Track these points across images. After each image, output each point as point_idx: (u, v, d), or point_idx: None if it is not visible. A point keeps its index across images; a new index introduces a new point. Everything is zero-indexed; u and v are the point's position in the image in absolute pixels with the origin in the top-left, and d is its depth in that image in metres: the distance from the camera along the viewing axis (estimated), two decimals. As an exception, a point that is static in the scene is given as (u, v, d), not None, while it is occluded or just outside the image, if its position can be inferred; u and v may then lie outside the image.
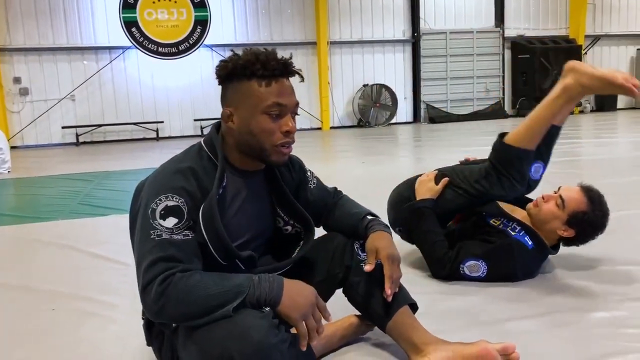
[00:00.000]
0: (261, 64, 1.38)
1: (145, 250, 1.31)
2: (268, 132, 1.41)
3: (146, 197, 1.37)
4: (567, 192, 2.26)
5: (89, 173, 6.63)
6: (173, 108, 12.25)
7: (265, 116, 1.40)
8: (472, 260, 2.24)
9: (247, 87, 1.40)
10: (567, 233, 2.24)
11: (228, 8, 12.40)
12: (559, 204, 2.23)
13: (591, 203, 2.20)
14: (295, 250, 1.60)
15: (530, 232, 2.25)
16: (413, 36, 13.71)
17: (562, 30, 14.79)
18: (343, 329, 1.72)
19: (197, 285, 1.26)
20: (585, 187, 2.28)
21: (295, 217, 1.61)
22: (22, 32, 11.38)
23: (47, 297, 2.36)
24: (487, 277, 2.23)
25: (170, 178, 1.38)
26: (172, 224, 1.33)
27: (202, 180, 1.40)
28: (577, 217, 2.20)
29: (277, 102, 1.39)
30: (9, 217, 4.28)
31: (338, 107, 13.47)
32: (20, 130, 11.55)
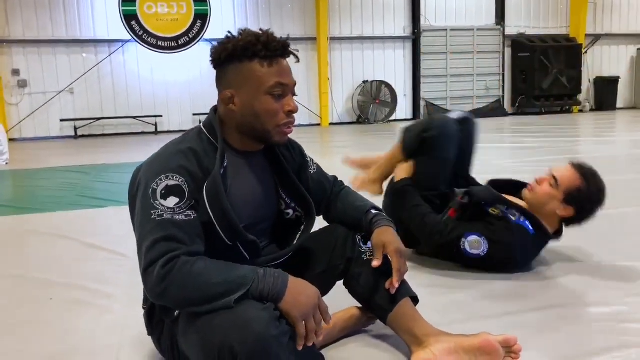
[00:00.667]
0: (262, 45, 1.37)
1: (147, 231, 1.29)
2: (272, 113, 1.40)
3: (146, 178, 1.35)
4: (559, 171, 2.26)
5: (87, 166, 6.61)
6: (172, 102, 12.21)
7: (268, 97, 1.39)
8: (474, 235, 2.21)
9: (248, 68, 1.39)
10: (566, 212, 2.23)
11: (228, 2, 12.35)
12: (552, 183, 2.23)
13: (585, 178, 2.20)
14: (296, 236, 1.58)
15: (530, 217, 2.24)
16: (413, 33, 13.68)
17: (563, 29, 14.77)
18: (344, 321, 1.71)
19: (201, 272, 1.25)
20: (576, 164, 2.29)
21: (297, 200, 1.59)
22: (21, 23, 11.33)
23: (44, 286, 2.35)
24: (486, 258, 2.20)
25: (170, 158, 1.37)
26: (174, 203, 1.31)
27: (203, 161, 1.38)
28: (573, 193, 2.19)
29: (280, 82, 1.39)
30: (7, 208, 4.26)
31: (337, 104, 13.44)
32: (19, 123, 11.50)
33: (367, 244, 1.60)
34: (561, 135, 8.35)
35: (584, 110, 14.61)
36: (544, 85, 13.80)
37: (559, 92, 13.92)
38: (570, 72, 13.89)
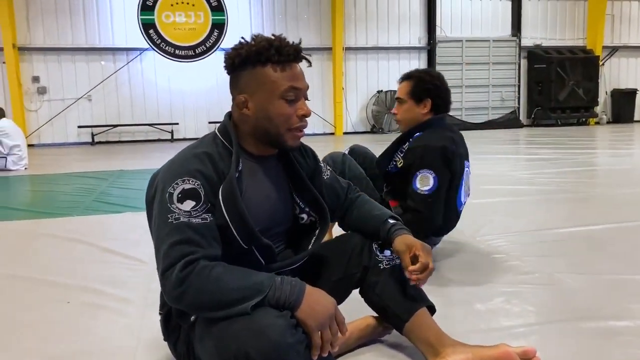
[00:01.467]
0: (275, 50, 1.39)
1: (164, 234, 1.31)
2: (285, 117, 1.42)
3: (162, 182, 1.37)
4: (397, 93, 2.59)
5: (104, 171, 6.68)
6: (188, 110, 12.32)
7: (282, 101, 1.41)
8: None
9: (262, 73, 1.41)
10: (427, 105, 2.47)
11: (245, 12, 12.46)
12: (399, 103, 2.55)
13: (411, 78, 2.52)
14: (311, 241, 1.58)
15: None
16: (429, 43, 13.68)
17: (580, 40, 14.67)
18: (360, 330, 1.70)
19: (219, 277, 1.25)
20: (401, 78, 2.61)
21: (311, 204, 1.59)
22: (42, 31, 11.53)
23: (61, 289, 2.37)
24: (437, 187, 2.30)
25: (186, 162, 1.38)
26: (190, 206, 1.32)
27: (218, 165, 1.39)
28: (415, 93, 2.46)
29: (293, 86, 1.41)
30: (26, 212, 4.32)
31: (352, 113, 13.46)
32: (38, 129, 11.67)
33: (383, 253, 1.60)
34: (577, 147, 8.27)
35: (601, 123, 14.47)
36: (560, 97, 13.70)
37: (576, 104, 13.81)
38: (587, 84, 13.78)
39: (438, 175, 2.29)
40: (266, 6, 12.62)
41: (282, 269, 1.49)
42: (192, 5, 11.82)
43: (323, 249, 1.65)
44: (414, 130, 2.48)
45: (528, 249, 2.74)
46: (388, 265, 1.58)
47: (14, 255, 3.02)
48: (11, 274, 2.62)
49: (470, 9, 13.99)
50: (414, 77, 2.52)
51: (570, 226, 3.22)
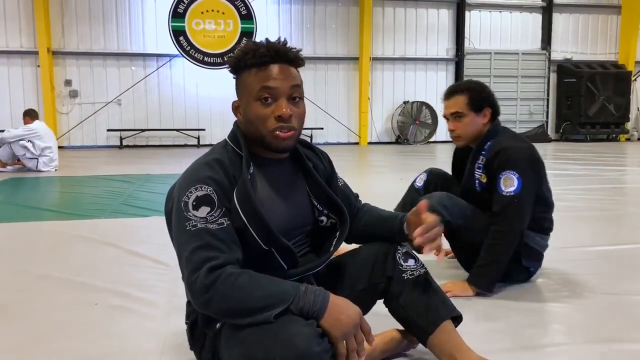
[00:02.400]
0: (252, 53, 1.41)
1: (183, 242, 1.33)
2: (261, 118, 1.42)
3: (177, 193, 1.40)
4: (448, 108, 2.48)
5: (132, 175, 6.79)
6: (215, 116, 12.46)
7: (257, 102, 1.42)
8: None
9: (242, 78, 1.45)
10: (487, 114, 2.43)
11: (274, 21, 12.59)
12: (457, 117, 2.43)
13: (464, 87, 2.45)
14: (332, 243, 1.57)
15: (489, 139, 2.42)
16: (457, 55, 13.62)
17: (612, 55, 14.44)
18: (384, 343, 1.68)
19: (244, 285, 1.26)
20: (447, 93, 2.50)
21: (329, 206, 1.59)
22: (75, 36, 11.82)
23: (88, 291, 2.41)
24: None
25: (197, 171, 1.41)
26: (206, 212, 1.34)
27: (229, 170, 1.41)
28: (475, 102, 2.39)
29: (265, 85, 1.40)
30: (55, 213, 4.41)
31: (377, 123, 13.45)
32: (68, 131, 11.94)
33: (407, 262, 1.58)
34: (607, 164, 8.11)
35: (632, 139, 14.18)
36: (590, 112, 13.48)
37: (606, 120, 13.58)
38: (618, 100, 13.54)
39: (522, 176, 2.25)
40: (295, 15, 12.73)
41: (305, 273, 1.50)
42: (222, 13, 11.99)
43: (346, 258, 1.65)
44: (483, 142, 2.41)
45: (556, 267, 2.69)
46: (412, 276, 1.56)
47: (45, 256, 3.09)
48: (43, 273, 2.68)
49: (500, 21, 13.89)
50: (467, 89, 2.44)
51: (599, 245, 3.16)
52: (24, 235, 3.61)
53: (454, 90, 2.47)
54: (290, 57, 1.44)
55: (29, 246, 3.31)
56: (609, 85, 13.51)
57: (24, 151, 7.23)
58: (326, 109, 12.67)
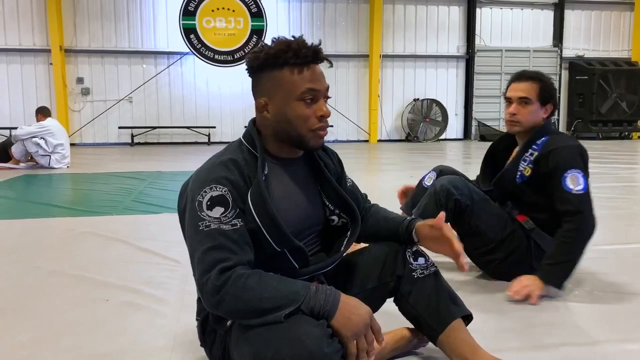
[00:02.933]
0: (293, 52, 1.39)
1: (196, 242, 1.33)
2: (304, 118, 1.42)
3: (192, 192, 1.39)
4: (517, 90, 2.41)
5: (143, 172, 6.84)
6: (225, 114, 12.51)
7: (300, 102, 1.41)
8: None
9: (280, 76, 1.42)
10: (549, 110, 2.39)
11: (284, 19, 12.60)
12: (524, 102, 2.37)
13: (536, 78, 2.40)
14: (343, 242, 1.58)
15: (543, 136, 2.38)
16: (467, 52, 13.55)
17: (624, 52, 14.29)
18: (394, 342, 1.69)
19: (254, 286, 1.27)
20: (518, 77, 2.45)
21: (340, 206, 1.59)
22: (87, 34, 11.90)
23: (99, 287, 2.43)
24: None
25: (212, 170, 1.40)
26: (219, 213, 1.34)
27: (244, 170, 1.41)
28: (545, 93, 2.37)
29: (311, 87, 1.41)
30: (67, 210, 4.45)
31: (387, 121, 13.42)
32: (80, 129, 12.04)
33: (417, 260, 1.58)
34: (619, 162, 8.03)
35: (645, 137, 14.03)
36: (602, 109, 13.35)
37: (618, 117, 13.44)
38: (630, 97, 13.40)
39: (585, 174, 2.27)
40: (305, 13, 12.72)
41: (315, 273, 1.50)
42: (232, 11, 12.01)
43: (356, 257, 1.65)
44: (535, 137, 2.38)
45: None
46: (422, 274, 1.56)
47: (57, 252, 3.12)
48: (54, 270, 2.71)
49: (511, 18, 13.80)
50: (540, 79, 2.40)
51: (612, 243, 3.14)
52: (36, 231, 3.65)
53: (526, 75, 2.43)
54: (323, 58, 1.46)
55: (42, 242, 3.34)
56: (621, 82, 13.37)
57: (36, 148, 7.30)
58: (336, 106, 12.65)
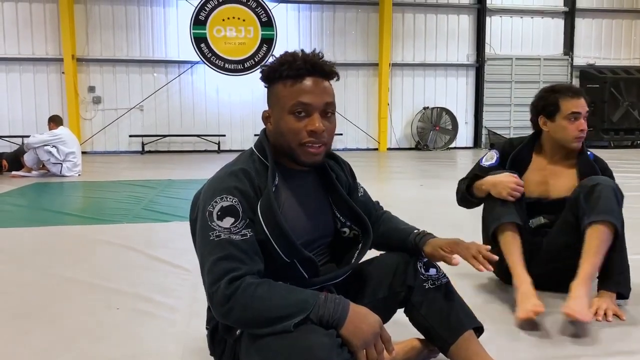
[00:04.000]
0: (287, 65, 1.40)
1: (206, 252, 1.34)
2: (294, 132, 1.42)
3: (203, 202, 1.40)
4: (581, 106, 2.38)
5: (153, 180, 6.87)
6: (235, 122, 12.56)
7: (291, 116, 1.41)
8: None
9: (276, 89, 1.44)
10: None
11: (293, 28, 12.66)
12: (585, 119, 2.38)
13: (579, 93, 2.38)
14: (354, 254, 1.57)
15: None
16: (477, 61, 13.53)
17: (636, 60, 14.20)
18: (404, 352, 1.67)
19: (264, 295, 1.27)
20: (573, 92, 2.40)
21: (352, 218, 1.59)
22: (99, 43, 12.03)
23: (110, 294, 2.44)
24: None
25: (223, 180, 1.41)
26: (230, 223, 1.35)
27: (255, 180, 1.41)
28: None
29: (300, 101, 1.40)
30: (78, 218, 4.49)
31: (396, 129, 13.41)
32: (91, 137, 12.14)
33: (428, 271, 1.57)
34: (632, 171, 7.95)
35: (657, 145, 13.90)
36: (614, 118, 13.25)
37: (630, 126, 13.33)
38: (642, 106, 13.30)
39: None
40: (314, 22, 12.78)
41: (325, 283, 1.50)
42: (242, 20, 12.10)
43: (367, 266, 1.64)
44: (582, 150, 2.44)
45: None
46: (433, 285, 1.56)
47: (70, 259, 3.14)
48: (67, 277, 2.73)
49: (521, 27, 13.77)
50: (584, 93, 2.43)
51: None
52: (49, 239, 3.68)
53: (580, 91, 2.43)
54: (325, 71, 1.44)
55: (54, 250, 3.36)
56: (633, 90, 13.27)
57: (48, 156, 7.37)
58: (345, 114, 12.66)
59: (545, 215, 2.40)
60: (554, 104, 2.38)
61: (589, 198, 2.15)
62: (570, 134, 2.36)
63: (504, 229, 2.25)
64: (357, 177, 1.73)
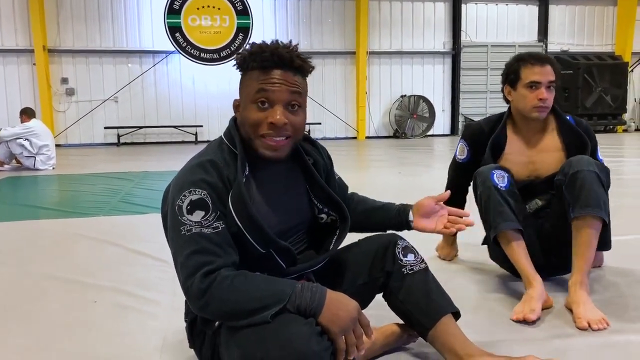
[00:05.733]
0: (255, 56, 1.40)
1: (179, 246, 1.33)
2: (253, 122, 1.40)
3: (172, 196, 1.39)
4: (542, 74, 2.25)
5: (129, 172, 6.79)
6: (212, 112, 12.45)
7: (253, 106, 1.40)
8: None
9: (246, 79, 1.44)
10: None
11: (270, 16, 12.56)
12: (550, 88, 2.26)
13: (552, 62, 2.27)
14: (332, 240, 1.58)
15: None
16: (453, 48, 13.61)
17: (608, 46, 14.44)
18: (385, 337, 1.69)
19: (240, 287, 1.27)
20: (533, 59, 2.29)
21: (329, 204, 1.58)
22: (71, 34, 11.78)
23: (88, 289, 2.41)
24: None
25: (191, 173, 1.39)
26: (200, 217, 1.33)
27: (223, 171, 1.39)
28: (558, 74, 2.28)
29: (262, 88, 1.39)
30: (53, 212, 4.41)
31: (374, 117, 13.45)
32: (65, 129, 11.92)
33: (407, 257, 1.58)
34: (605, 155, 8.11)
35: (629, 130, 14.21)
36: (587, 103, 13.49)
37: (603, 111, 13.58)
38: (615, 91, 13.55)
39: None
40: (291, 10, 12.70)
41: (304, 271, 1.50)
42: (217, 9, 11.96)
43: (346, 253, 1.65)
44: (558, 118, 2.34)
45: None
46: (411, 271, 1.57)
47: (46, 255, 3.08)
48: (43, 273, 2.68)
49: (496, 14, 13.88)
50: (553, 61, 2.28)
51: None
52: (23, 234, 3.61)
53: (546, 58, 2.29)
54: (294, 66, 1.41)
55: (29, 245, 3.30)
56: (605, 76, 13.51)
57: (21, 150, 7.22)
58: (323, 103, 12.65)
59: (541, 196, 2.30)
60: (515, 71, 2.30)
61: (571, 189, 2.05)
62: (528, 103, 2.24)
63: (505, 235, 2.13)
64: (335, 167, 1.72)
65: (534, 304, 1.97)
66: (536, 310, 1.95)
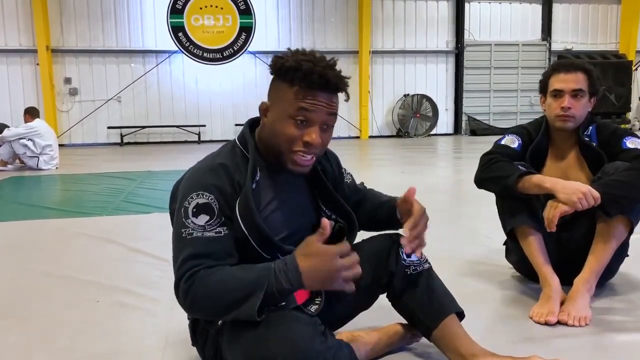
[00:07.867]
0: (302, 73, 1.34)
1: (178, 249, 1.33)
2: (288, 138, 1.37)
3: (181, 195, 1.39)
4: (569, 82, 2.16)
5: (132, 172, 6.79)
6: (215, 112, 12.45)
7: (291, 121, 1.37)
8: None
9: (284, 90, 1.38)
10: (592, 104, 2.22)
11: (272, 15, 12.55)
12: (579, 95, 2.16)
13: (586, 69, 2.17)
14: None
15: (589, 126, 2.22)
16: (457, 47, 13.58)
17: (612, 45, 14.39)
18: (388, 337, 1.68)
19: (219, 280, 1.26)
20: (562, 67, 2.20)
21: (337, 211, 1.58)
22: (74, 34, 11.79)
23: (90, 288, 2.41)
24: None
25: (201, 176, 1.39)
26: (204, 221, 1.33)
27: (234, 176, 1.39)
28: (594, 85, 2.17)
29: (304, 111, 1.35)
30: (56, 211, 4.41)
31: (377, 117, 13.43)
32: (68, 129, 11.94)
33: (410, 257, 1.57)
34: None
35: (633, 129, 14.13)
36: (592, 102, 13.43)
37: (607, 110, 13.51)
38: (619, 90, 13.49)
39: None
40: (293, 9, 12.69)
41: None
42: (220, 8, 11.96)
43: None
44: (583, 130, 2.21)
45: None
46: (415, 271, 1.56)
47: (49, 254, 3.09)
48: (46, 271, 2.68)
49: (500, 13, 13.84)
50: (588, 69, 2.18)
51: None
52: (27, 233, 3.61)
53: (575, 65, 2.19)
54: (338, 89, 1.39)
55: (32, 244, 3.31)
56: (609, 75, 13.44)
57: (24, 149, 7.23)
58: (326, 103, 12.63)
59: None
60: (545, 80, 2.24)
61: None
62: (552, 112, 2.18)
63: (523, 231, 2.10)
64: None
65: (552, 305, 1.95)
66: (555, 311, 1.93)
